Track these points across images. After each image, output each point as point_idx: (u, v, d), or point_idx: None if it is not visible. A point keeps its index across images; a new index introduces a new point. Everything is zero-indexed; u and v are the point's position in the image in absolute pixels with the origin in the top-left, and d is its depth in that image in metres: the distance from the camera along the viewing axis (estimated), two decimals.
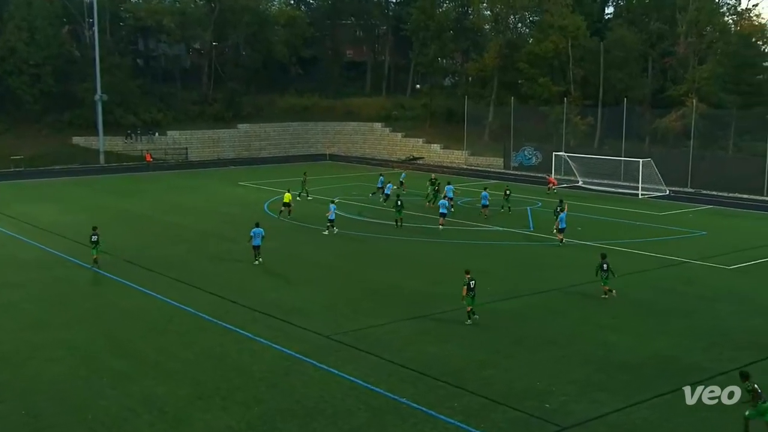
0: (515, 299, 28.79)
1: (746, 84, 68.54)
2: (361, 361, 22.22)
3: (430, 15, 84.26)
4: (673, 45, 76.99)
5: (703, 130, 65.42)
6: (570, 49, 75.32)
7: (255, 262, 34.03)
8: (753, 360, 22.47)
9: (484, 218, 45.45)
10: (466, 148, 78.22)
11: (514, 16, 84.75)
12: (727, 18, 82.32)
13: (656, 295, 29.73)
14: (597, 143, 72.96)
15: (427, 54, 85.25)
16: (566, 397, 19.72)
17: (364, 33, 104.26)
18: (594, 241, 39.45)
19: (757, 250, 38.10)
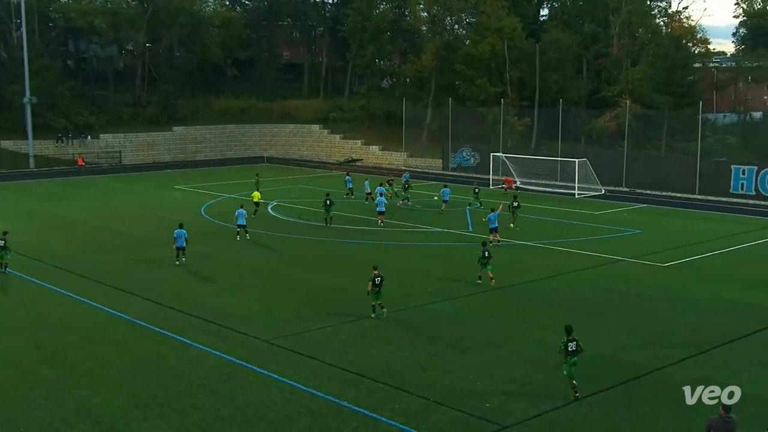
0: (454, 300, 29.01)
1: (677, 85, 70.32)
2: (301, 366, 22.16)
3: (367, 16, 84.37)
4: (606, 47, 78.54)
5: (637, 131, 66.84)
6: (506, 51, 76.24)
7: (176, 262, 34.17)
8: (688, 356, 23.08)
9: (440, 213, 48.05)
10: (404, 150, 78.50)
11: (451, 17, 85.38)
12: (659, 20, 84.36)
13: (593, 294, 30.27)
14: (534, 144, 73.97)
15: (365, 55, 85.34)
16: (506, 397, 19.96)
17: (301, 34, 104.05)
18: (531, 241, 40.01)
19: (690, 247, 39.02)
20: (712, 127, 73.09)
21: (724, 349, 23.90)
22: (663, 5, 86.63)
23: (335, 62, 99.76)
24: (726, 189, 57.19)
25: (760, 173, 56.15)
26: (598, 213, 50.17)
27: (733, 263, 36.09)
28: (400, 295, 29.39)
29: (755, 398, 19.43)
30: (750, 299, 29.48)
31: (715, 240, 41.08)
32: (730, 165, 58.73)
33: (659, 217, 49.39)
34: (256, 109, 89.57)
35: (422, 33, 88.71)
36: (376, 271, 26.61)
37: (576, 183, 58.15)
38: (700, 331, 25.55)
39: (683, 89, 70.45)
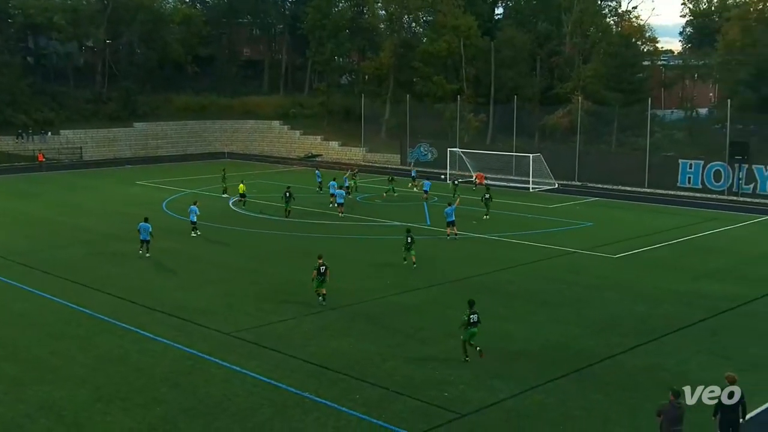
0: (412, 292, 29.07)
1: (627, 82, 71.28)
2: (264, 358, 22.06)
3: (326, 14, 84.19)
4: (559, 45, 79.28)
5: (589, 127, 67.55)
6: (462, 49, 76.54)
7: (140, 253, 34.29)
8: (638, 344, 23.38)
9: (423, 199, 49.72)
10: (363, 145, 78.52)
11: (409, 15, 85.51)
12: (609, 19, 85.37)
13: (547, 285, 30.53)
14: (489, 139, 74.42)
15: (324, 53, 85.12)
16: (464, 386, 20.07)
17: (261, 32, 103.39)
18: (488, 234, 40.27)
19: (639, 239, 39.54)
20: (661, 123, 74.13)
21: (672, 337, 24.28)
22: (613, 5, 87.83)
23: (295, 59, 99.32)
24: (674, 183, 58.06)
25: (706, 167, 57.09)
26: (552, 206, 50.62)
27: (681, 254, 36.63)
28: (359, 288, 29.42)
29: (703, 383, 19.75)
30: (697, 289, 29.97)
31: (663, 232, 41.67)
32: (677, 160, 59.61)
33: (610, 210, 49.96)
34: (216, 106, 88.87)
35: (380, 31, 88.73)
36: (320, 260, 27.09)
37: (530, 177, 58.62)
38: (649, 320, 25.90)
39: (633, 86, 71.42)
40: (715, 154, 58.55)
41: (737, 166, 55.07)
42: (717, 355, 22.49)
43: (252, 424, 17.77)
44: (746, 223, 45.47)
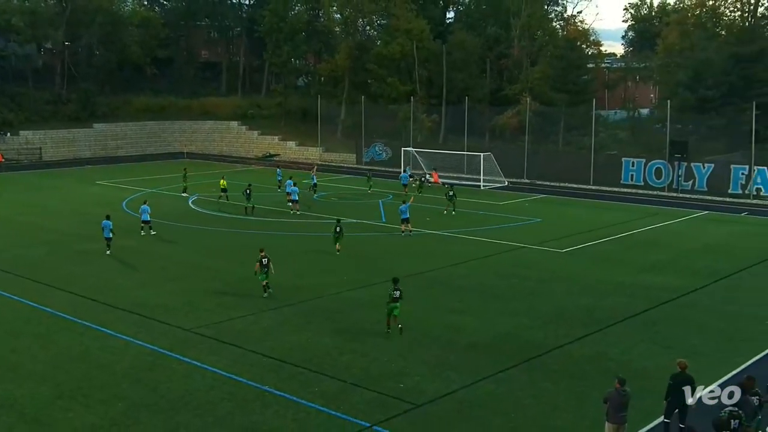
0: (368, 287, 29.02)
1: (573, 84, 72.09)
2: (223, 353, 21.89)
3: (283, 17, 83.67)
4: (508, 48, 79.86)
5: (536, 126, 68.15)
6: (415, 51, 76.67)
7: (107, 252, 34.06)
8: (585, 334, 23.69)
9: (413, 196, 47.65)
10: (320, 145, 78.31)
11: (363, 19, 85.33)
12: (555, 24, 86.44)
13: (498, 279, 30.78)
14: (442, 139, 74.71)
15: (281, 55, 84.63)
16: (419, 377, 20.14)
17: (219, 34, 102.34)
18: (441, 231, 40.43)
19: (585, 234, 40.03)
20: (605, 122, 75.10)
21: (617, 327, 24.64)
22: (559, 10, 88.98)
23: (252, 61, 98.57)
24: (617, 180, 58.86)
25: (648, 165, 58.02)
26: (502, 203, 51.01)
27: (625, 248, 37.18)
28: (317, 284, 29.34)
29: (645, 372, 20.15)
30: (639, 281, 30.45)
31: (608, 227, 42.24)
32: (620, 158, 60.48)
33: (557, 207, 50.47)
34: (175, 107, 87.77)
35: (336, 34, 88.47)
36: (262, 253, 27.57)
37: (481, 175, 58.99)
38: (595, 312, 26.23)
39: (578, 88, 72.27)
40: (655, 153, 59.54)
41: (677, 164, 56.01)
42: (658, 344, 22.89)
43: (213, 418, 17.63)
44: (685, 218, 46.31)
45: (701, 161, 56.48)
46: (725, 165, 55.60)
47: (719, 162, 56.54)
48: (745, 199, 52.90)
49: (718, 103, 64.88)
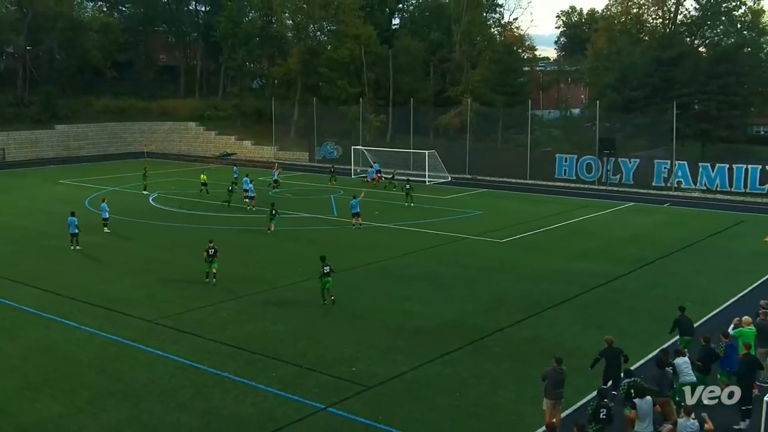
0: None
1: (510, 86, 72.74)
2: (184, 342, 21.65)
3: (238, 23, 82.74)
4: (450, 52, 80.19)
5: (477, 125, 68.66)
6: (363, 55, 76.55)
7: (71, 247, 33.47)
8: (523, 318, 23.99)
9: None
10: (274, 144, 77.76)
11: (314, 25, 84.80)
12: (494, 30, 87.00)
13: (443, 268, 30.94)
14: (389, 138, 74.75)
15: (236, 59, 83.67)
16: (370, 361, 20.20)
17: (177, 39, 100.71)
18: (389, 223, 40.51)
19: (522, 225, 40.47)
20: (540, 122, 75.98)
21: (552, 311, 25.02)
22: (496, 17, 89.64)
23: (209, 65, 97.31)
24: (552, 175, 59.63)
25: (579, 161, 58.90)
26: (446, 197, 51.29)
27: (559, 238, 37.72)
28: (273, 275, 29.20)
29: (578, 351, 20.48)
30: (572, 268, 30.93)
31: (543, 218, 42.77)
32: (554, 154, 61.28)
33: (497, 200, 50.90)
34: (135, 108, 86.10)
35: (288, 39, 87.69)
36: (210, 244, 28.10)
37: (426, 171, 59.20)
38: (532, 297, 26.56)
39: (515, 89, 72.92)
40: (586, 149, 60.46)
41: (605, 160, 56.96)
42: (590, 325, 23.31)
43: (175, 404, 17.45)
44: (614, 209, 47.15)
45: (627, 157, 57.56)
46: (649, 160, 56.75)
47: (644, 157, 57.68)
48: (668, 191, 54.05)
49: (642, 104, 66.10)
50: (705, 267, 31.52)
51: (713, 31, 75.81)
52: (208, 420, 16.72)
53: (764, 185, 51.31)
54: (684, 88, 65.38)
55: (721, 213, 45.62)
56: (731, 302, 25.64)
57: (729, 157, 57.92)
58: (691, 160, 55.70)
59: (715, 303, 25.69)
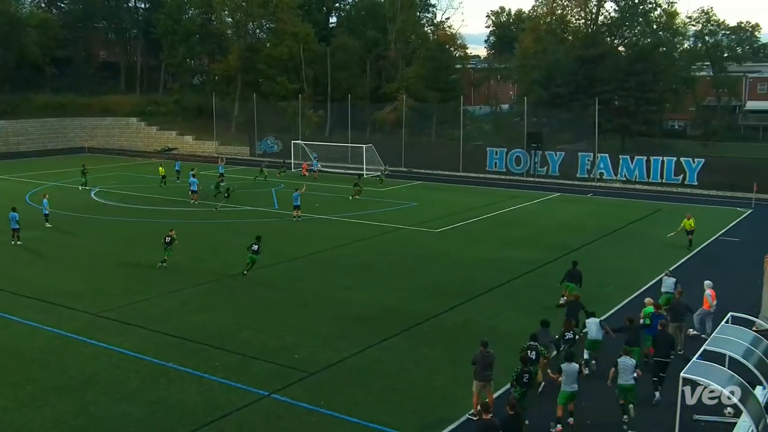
0: (266, 268, 28.76)
1: (443, 82, 73.41)
2: (129, 334, 21.21)
3: (178, 20, 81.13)
4: (385, 50, 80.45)
5: (412, 121, 69.08)
6: (302, 53, 76.10)
7: (12, 242, 32.52)
8: (457, 304, 24.26)
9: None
10: (215, 139, 76.67)
11: (253, 23, 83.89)
12: (427, 29, 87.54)
13: (381, 257, 31.06)
14: (328, 132, 74.57)
15: (177, 56, 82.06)
16: (313, 348, 20.17)
17: (116, 36, 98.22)
18: (330, 215, 40.43)
19: (456, 215, 40.89)
20: (471, 117, 76.96)
21: (484, 297, 25.38)
22: (430, 16, 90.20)
23: (150, 61, 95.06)
24: (483, 167, 60.33)
25: (509, 154, 59.73)
26: (383, 189, 51.42)
27: (490, 227, 38.23)
28: (218, 266, 28.86)
29: (509, 334, 20.87)
30: (503, 256, 31.43)
31: (475, 209, 43.29)
32: (485, 148, 62.03)
33: (431, 192, 51.25)
34: (75, 104, 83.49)
35: (228, 36, 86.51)
36: (171, 232, 28.95)
37: (364, 165, 59.21)
38: (465, 284, 26.85)
39: (448, 86, 73.63)
40: (515, 143, 61.40)
41: (533, 153, 57.93)
42: (520, 310, 23.72)
43: (120, 395, 17.11)
44: (541, 199, 48.04)
45: (554, 150, 58.67)
46: (573, 153, 57.99)
47: (568, 150, 58.92)
48: (591, 182, 55.32)
49: (567, 100, 67.58)
50: (626, 252, 32.42)
51: (631, 31, 77.94)
52: (154, 410, 16.46)
53: (679, 176, 53.01)
54: (605, 85, 67.10)
55: (639, 202, 46.95)
56: (651, 284, 26.38)
57: (646, 150, 59.78)
58: (612, 153, 57.13)
59: (637, 286, 26.46)
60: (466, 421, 15.90)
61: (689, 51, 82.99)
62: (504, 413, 13.57)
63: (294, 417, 16.21)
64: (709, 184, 51.45)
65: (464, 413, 16.23)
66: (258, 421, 16.04)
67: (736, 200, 47.36)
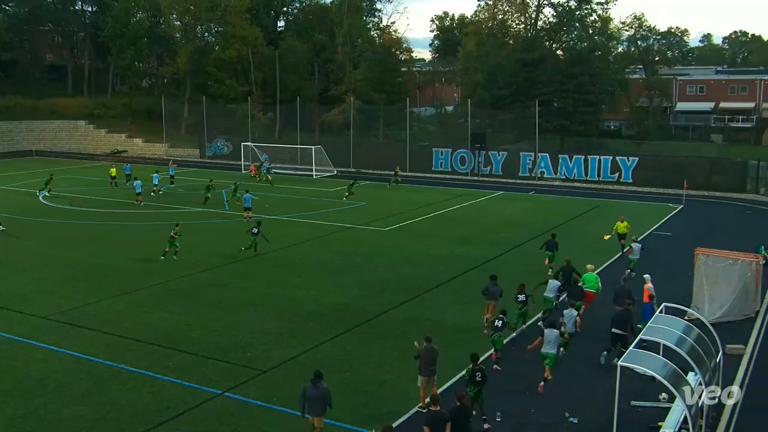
0: (216, 269, 28.46)
1: (390, 85, 73.65)
2: (79, 337, 20.70)
3: (125, 24, 79.41)
4: (333, 53, 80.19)
5: (360, 122, 69.06)
6: (250, 56, 75.42)
7: None
8: (406, 300, 24.35)
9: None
10: (165, 141, 75.39)
11: (201, 26, 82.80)
12: (373, 33, 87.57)
13: (331, 256, 30.97)
14: (277, 134, 74.02)
15: (125, 58, 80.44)
16: (265, 347, 20.01)
17: (63, 38, 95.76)
18: (280, 215, 40.12)
19: (404, 214, 41.00)
20: (417, 118, 77.26)
21: (432, 292, 25.54)
22: (376, 20, 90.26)
23: (98, 64, 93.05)
24: (429, 167, 60.67)
25: (454, 154, 60.21)
26: (333, 190, 51.27)
27: (436, 225, 38.45)
28: (168, 268, 28.36)
29: (456, 327, 21.08)
30: (450, 252, 31.67)
31: (422, 207, 43.48)
32: (431, 148, 62.40)
33: (380, 192, 51.25)
34: (22, 107, 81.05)
35: (176, 39, 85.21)
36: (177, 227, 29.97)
37: (313, 166, 59.00)
38: (414, 280, 26.98)
39: (394, 88, 73.93)
40: (460, 143, 61.95)
41: (477, 153, 58.51)
42: (467, 304, 23.93)
43: (71, 397, 16.69)
44: (485, 197, 48.55)
45: (497, 150, 59.35)
46: (515, 153, 58.75)
47: (511, 150, 59.67)
48: (532, 180, 56.17)
49: (508, 101, 68.46)
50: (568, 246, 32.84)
51: (569, 36, 79.41)
52: (106, 411, 16.10)
53: (615, 174, 54.21)
54: (545, 87, 68.19)
55: (578, 199, 47.83)
56: None
57: (584, 149, 60.99)
58: (552, 153, 58.10)
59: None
60: (416, 414, 15.96)
61: (623, 55, 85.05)
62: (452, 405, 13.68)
63: (247, 415, 16.04)
64: (643, 182, 52.78)
65: (414, 406, 16.30)
66: (211, 419, 15.83)
67: (668, 196, 48.65)
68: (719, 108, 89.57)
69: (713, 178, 51.02)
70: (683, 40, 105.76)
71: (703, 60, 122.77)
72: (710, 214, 42.42)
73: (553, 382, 17.29)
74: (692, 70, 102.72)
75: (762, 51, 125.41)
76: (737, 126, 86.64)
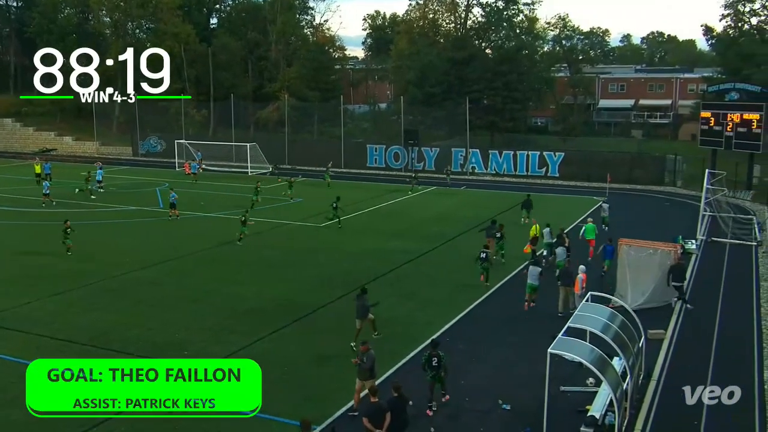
0: (151, 267, 27.83)
1: (323, 82, 73.36)
2: (9, 339, 19.93)
3: (53, 19, 76.73)
4: (267, 51, 79.34)
5: (294, 119, 68.54)
6: (183, 53, 73.85)
7: None
8: (345, 293, 24.24)
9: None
10: (96, 140, 73.20)
11: (132, 23, 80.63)
12: (306, 31, 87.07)
13: (271, 252, 30.70)
14: (212, 131, 72.81)
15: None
16: (203, 343, 19.68)
17: None
18: (216, 213, 39.55)
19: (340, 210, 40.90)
20: (351, 115, 77.16)
21: (371, 285, 25.28)
22: (309, 18, 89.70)
23: (24, 60, 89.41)
24: (364, 163, 60.75)
25: (388, 150, 60.45)
26: (268, 186, 50.68)
27: (372, 220, 38.59)
28: (102, 267, 27.58)
29: (394, 319, 21.20)
30: (386, 246, 31.84)
31: (358, 203, 43.45)
32: (365, 145, 62.46)
33: (315, 188, 50.90)
34: None
35: (106, 36, 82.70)
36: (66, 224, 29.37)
37: (248, 163, 58.26)
38: (353, 274, 26.93)
39: (328, 86, 73.66)
40: (393, 140, 62.24)
41: (410, 149, 58.90)
42: (403, 296, 24.14)
43: (3, 401, 16.08)
44: (419, 193, 48.88)
45: (429, 146, 59.87)
46: (447, 149, 59.38)
47: (443, 146, 60.28)
48: (464, 176, 56.87)
49: (440, 99, 69.07)
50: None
51: (497, 35, 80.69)
52: None
53: (542, 168, 55.40)
54: (475, 85, 69.06)
55: (508, 193, 48.56)
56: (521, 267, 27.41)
57: (513, 144, 62.07)
58: (483, 148, 58.96)
59: (512, 267, 27.67)
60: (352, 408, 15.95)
61: (549, 54, 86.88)
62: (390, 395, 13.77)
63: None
64: (569, 176, 54.12)
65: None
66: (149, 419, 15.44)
67: (592, 190, 49.99)
68: (639, 105, 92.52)
69: (634, 172, 52.71)
70: (605, 40, 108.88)
71: (624, 59, 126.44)
72: (632, 206, 43.81)
73: (486, 372, 17.52)
74: (613, 69, 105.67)
75: (678, 51, 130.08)
76: (656, 122, 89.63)
